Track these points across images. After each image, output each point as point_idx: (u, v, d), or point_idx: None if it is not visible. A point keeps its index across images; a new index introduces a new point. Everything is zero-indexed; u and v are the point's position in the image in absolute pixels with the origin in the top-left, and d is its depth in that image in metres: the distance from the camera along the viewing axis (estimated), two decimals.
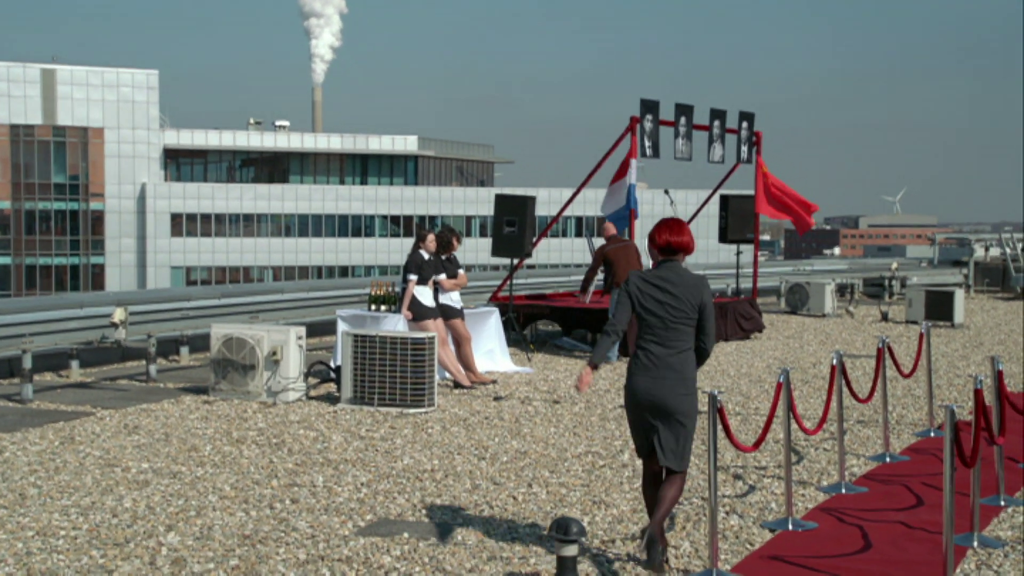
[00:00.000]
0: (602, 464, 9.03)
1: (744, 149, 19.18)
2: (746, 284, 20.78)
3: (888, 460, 9.35)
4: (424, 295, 12.77)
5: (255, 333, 11.79)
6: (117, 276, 77.88)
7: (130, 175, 78.94)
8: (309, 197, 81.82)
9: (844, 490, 8.27)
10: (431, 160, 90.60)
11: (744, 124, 19.11)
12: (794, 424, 7.62)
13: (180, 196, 79.57)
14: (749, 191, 19.77)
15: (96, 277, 78.45)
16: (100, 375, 13.61)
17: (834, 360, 8.47)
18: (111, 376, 13.54)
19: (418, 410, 11.15)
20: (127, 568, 6.26)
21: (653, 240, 6.34)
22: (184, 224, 79.60)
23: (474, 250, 71.89)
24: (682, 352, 6.20)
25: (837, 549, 6.83)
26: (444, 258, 13.21)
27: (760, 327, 18.88)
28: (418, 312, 12.68)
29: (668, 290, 6.17)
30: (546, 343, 16.96)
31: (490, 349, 14.34)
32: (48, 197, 78.18)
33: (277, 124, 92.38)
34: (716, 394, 6.47)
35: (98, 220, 78.86)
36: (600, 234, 15.89)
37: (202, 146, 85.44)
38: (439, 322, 12.84)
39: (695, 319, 6.20)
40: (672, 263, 6.28)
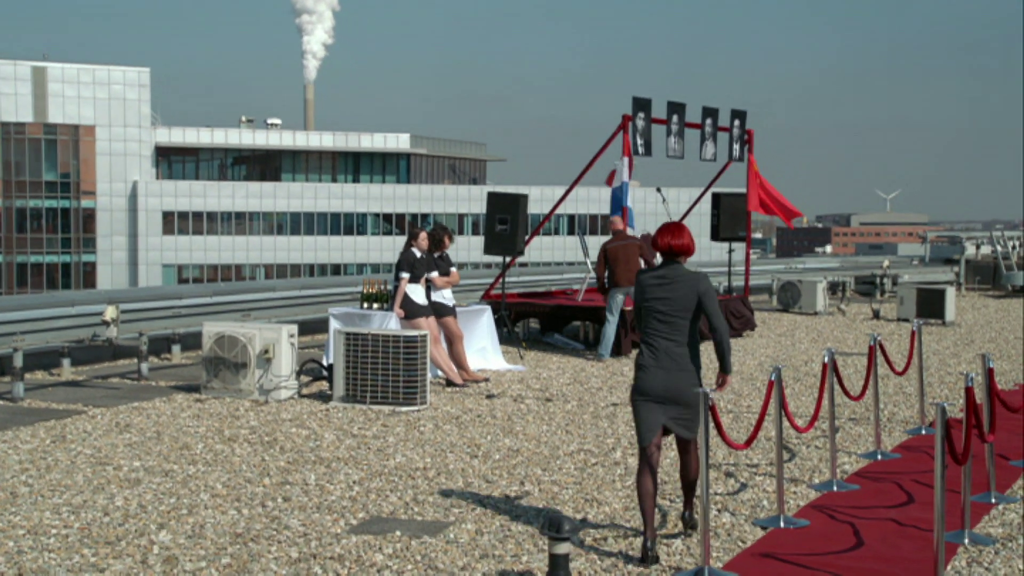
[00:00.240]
0: (594, 462, 9.03)
1: (736, 147, 19.20)
2: (738, 282, 20.80)
3: (880, 458, 9.37)
4: (416, 293, 12.76)
5: (247, 331, 11.78)
6: (108, 274, 77.71)
7: (121, 173, 78.75)
8: (301, 195, 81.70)
9: (836, 488, 8.28)
10: (423, 158, 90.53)
11: (736, 122, 19.13)
12: (786, 422, 7.63)
13: (172, 194, 79.40)
14: (741, 189, 19.78)
15: (87, 275, 78.27)
16: (91, 373, 13.59)
17: (826, 358, 8.48)
18: (102, 374, 13.52)
19: (410, 408, 11.15)
20: (119, 566, 6.25)
21: (655, 243, 6.85)
22: (176, 222, 79.43)
23: (466, 248, 71.89)
24: (683, 344, 6.64)
25: (829, 547, 6.84)
26: (436, 256, 13.21)
27: (752, 325, 18.91)
28: (410, 310, 12.67)
29: (668, 286, 6.64)
30: (538, 341, 16.97)
31: (482, 347, 14.35)
32: (39, 195, 77.97)
33: (269, 122, 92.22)
34: (708, 392, 6.51)
35: (89, 218, 78.66)
36: (609, 228, 15.91)
37: (194, 144, 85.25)
38: (431, 320, 12.83)
39: (693, 311, 6.62)
40: (674, 264, 6.75)
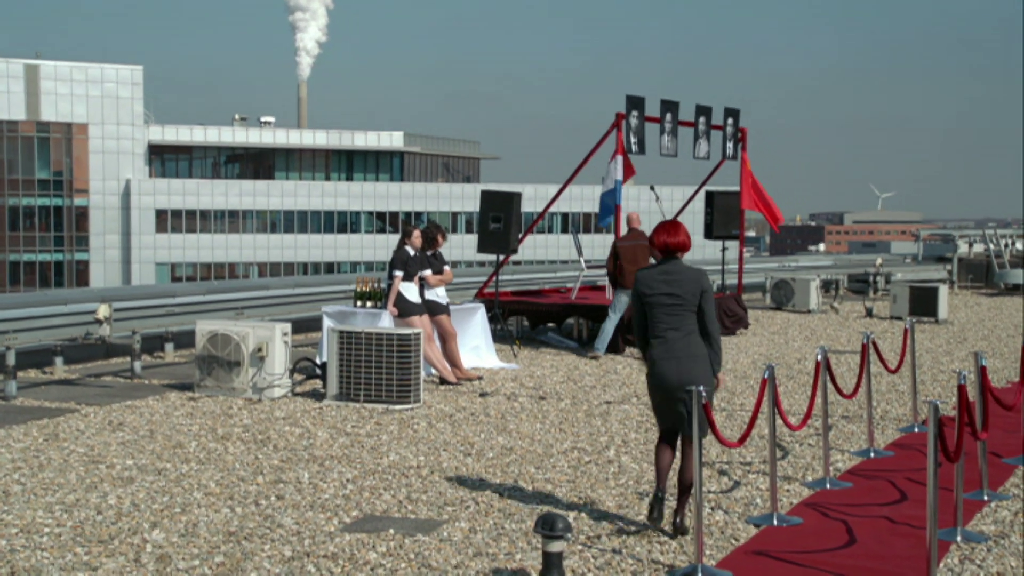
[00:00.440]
0: (588, 460, 9.04)
1: (729, 145, 19.22)
2: (731, 280, 20.83)
3: (872, 455, 9.39)
4: (410, 291, 12.76)
5: (240, 329, 11.77)
6: (101, 272, 77.54)
7: (114, 171, 78.58)
8: (295, 193, 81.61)
9: (829, 485, 8.30)
10: (417, 156, 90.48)
11: (729, 120, 19.15)
12: (779, 420, 7.64)
13: (165, 192, 79.26)
14: (734, 187, 19.81)
15: (80, 273, 78.11)
16: (84, 372, 13.56)
17: (819, 356, 8.49)
18: (95, 373, 13.50)
19: (404, 406, 11.15)
20: (111, 565, 6.24)
21: (652, 242, 7.17)
22: (169, 220, 79.29)
23: (460, 246, 71.85)
24: (691, 334, 6.99)
25: (822, 544, 6.85)
26: (430, 254, 13.21)
27: (745, 323, 18.93)
28: (404, 308, 12.67)
29: (672, 281, 6.98)
30: (532, 339, 16.97)
31: (476, 345, 14.35)
32: (32, 193, 77.79)
33: (262, 120, 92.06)
34: (701, 390, 6.53)
35: (82, 216, 78.50)
36: (628, 224, 15.94)
37: (187, 142, 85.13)
38: (425, 318, 12.83)
39: (697, 304, 6.97)
40: (674, 260, 7.08)
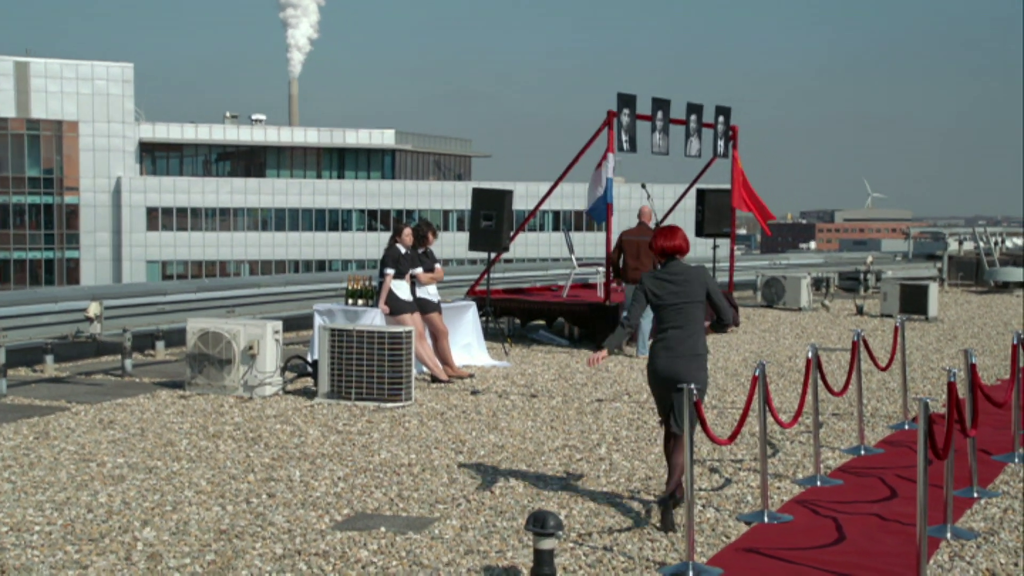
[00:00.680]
0: (579, 458, 9.05)
1: (720, 143, 19.23)
2: (722, 278, 20.84)
3: (863, 453, 9.41)
4: (401, 289, 12.75)
5: (231, 327, 11.75)
6: (92, 270, 77.36)
7: (105, 169, 78.39)
8: (286, 191, 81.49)
9: (819, 483, 8.32)
10: (408, 154, 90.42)
11: (720, 118, 19.15)
12: (770, 417, 7.66)
13: (156, 190, 79.09)
14: (725, 185, 19.83)
15: (71, 271, 77.90)
16: (75, 370, 13.53)
17: (809, 353, 8.51)
18: (86, 371, 13.47)
19: (395, 404, 11.15)
20: (102, 563, 6.24)
21: (652, 247, 7.51)
22: (160, 218, 79.13)
23: (451, 244, 71.85)
24: (695, 333, 7.30)
25: (812, 541, 6.87)
26: (421, 252, 13.20)
27: (736, 321, 18.95)
28: (395, 306, 12.66)
29: (677, 281, 7.32)
30: (523, 337, 16.98)
31: (467, 343, 14.35)
32: (22, 191, 77.55)
33: (253, 118, 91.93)
34: (692, 388, 6.54)
35: (73, 214, 78.29)
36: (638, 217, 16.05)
37: (178, 140, 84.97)
38: (416, 316, 12.83)
39: (702, 301, 7.33)
40: (675, 262, 7.41)
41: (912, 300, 21.23)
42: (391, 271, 12.66)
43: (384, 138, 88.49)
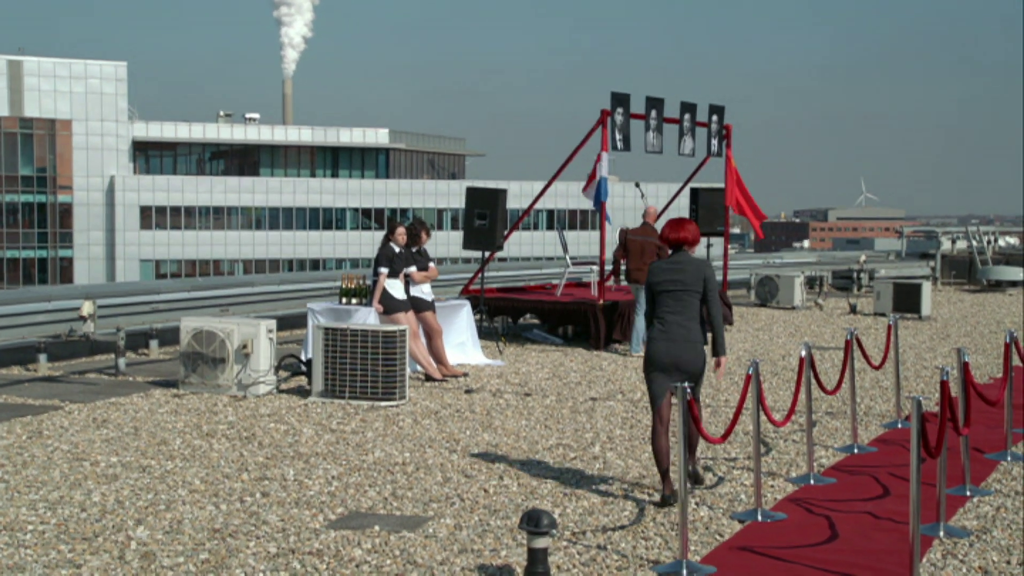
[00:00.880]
0: (573, 456, 9.05)
1: (714, 142, 19.25)
2: (716, 277, 20.85)
3: (856, 451, 9.42)
4: (395, 288, 12.75)
5: (225, 326, 11.74)
6: (85, 269, 77.24)
7: (98, 168, 78.26)
8: (280, 190, 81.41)
9: (813, 481, 8.33)
10: (402, 153, 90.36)
11: (714, 117, 19.18)
12: (763, 416, 7.67)
13: (149, 189, 78.97)
14: (719, 184, 19.85)
15: (64, 270, 77.78)
16: (68, 369, 13.51)
17: (803, 352, 8.52)
18: (79, 370, 13.45)
19: (389, 403, 11.15)
20: (96, 562, 6.23)
21: (662, 237, 7.99)
22: (153, 217, 79.02)
23: (445, 243, 71.87)
24: (691, 320, 7.61)
25: (806, 539, 6.88)
26: (414, 250, 13.20)
27: (729, 320, 18.97)
28: (389, 305, 12.66)
29: (678, 270, 7.68)
30: (517, 336, 16.98)
31: (461, 342, 14.35)
32: (15, 190, 77.41)
33: (247, 116, 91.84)
34: (686, 386, 6.55)
35: (66, 213, 78.17)
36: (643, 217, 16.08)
37: (171, 139, 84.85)
38: (410, 315, 12.82)
39: (700, 292, 7.63)
40: (680, 252, 7.82)
41: (905, 299, 21.27)
42: (385, 270, 12.65)
43: (378, 137, 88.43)
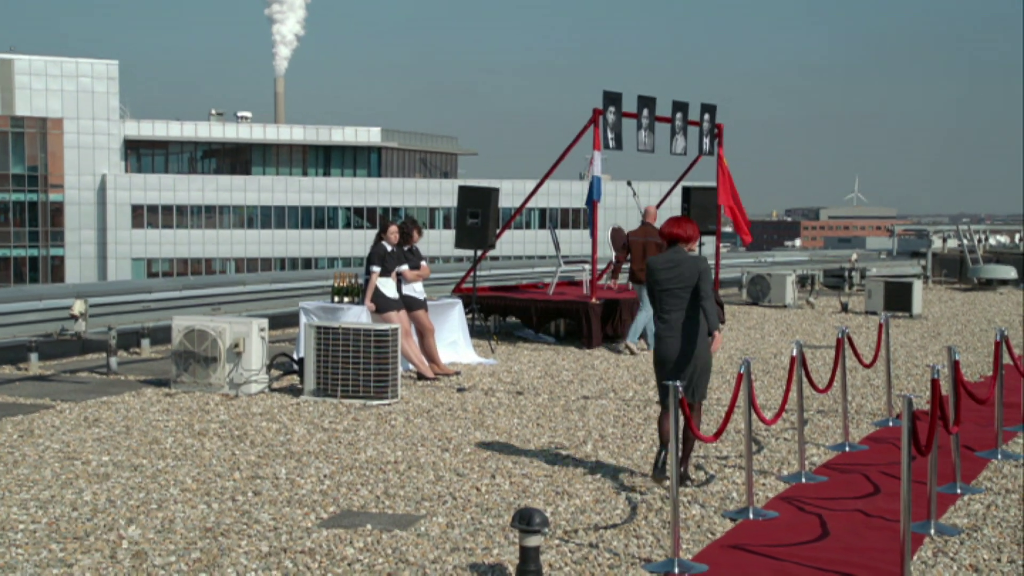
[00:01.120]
0: (565, 455, 9.06)
1: (706, 141, 19.27)
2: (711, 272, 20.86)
3: (847, 449, 9.45)
4: (387, 287, 12.75)
5: (217, 325, 11.73)
6: (77, 268, 77.05)
7: (90, 166, 78.08)
8: (272, 189, 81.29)
9: (804, 479, 8.35)
10: (394, 152, 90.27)
11: (706, 116, 19.20)
12: (755, 414, 7.68)
13: (141, 187, 78.81)
14: (711, 183, 19.87)
15: (56, 269, 77.59)
16: (60, 368, 13.49)
17: (794, 351, 8.54)
18: (71, 369, 13.42)
19: (381, 402, 11.15)
20: (87, 562, 6.22)
21: (662, 233, 8.26)
22: (145, 216, 78.85)
23: (438, 242, 71.78)
24: (692, 315, 7.93)
25: (797, 537, 6.90)
26: (406, 249, 13.20)
27: (721, 319, 18.99)
28: (381, 304, 12.66)
29: (675, 268, 7.99)
30: (509, 334, 16.98)
31: (453, 340, 14.35)
32: (6, 188, 77.17)
33: (239, 115, 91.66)
34: (678, 385, 6.56)
35: (57, 211, 77.96)
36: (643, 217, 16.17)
37: (163, 137, 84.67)
38: (402, 314, 12.82)
39: (695, 285, 7.91)
40: (676, 248, 8.11)
41: (896, 297, 21.32)
42: (377, 269, 12.65)
43: (370, 136, 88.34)
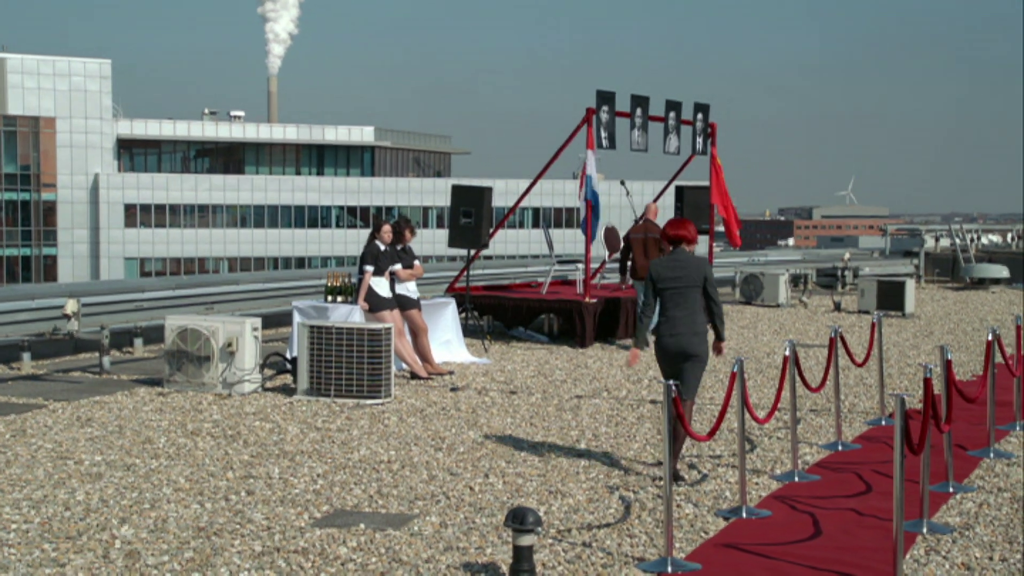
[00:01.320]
0: (558, 454, 9.06)
1: (699, 140, 19.28)
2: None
3: (840, 448, 9.46)
4: (380, 286, 12.74)
5: (210, 324, 11.71)
6: (70, 267, 76.94)
7: (83, 165, 77.96)
8: (265, 188, 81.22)
9: (797, 478, 8.36)
10: (388, 151, 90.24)
11: (699, 115, 19.20)
12: (748, 413, 7.69)
13: (134, 187, 78.72)
14: (704, 182, 19.88)
15: (48, 268, 77.45)
16: (52, 367, 13.46)
17: (787, 350, 8.55)
18: (63, 368, 13.40)
19: (375, 401, 11.14)
20: (80, 561, 6.21)
21: (663, 234, 8.47)
22: (138, 215, 78.75)
23: (431, 241, 71.82)
24: (694, 312, 8.19)
25: (790, 536, 6.91)
26: (399, 248, 13.19)
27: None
28: (374, 303, 12.65)
29: (679, 267, 8.21)
30: (503, 334, 16.98)
31: (447, 340, 14.35)
32: None
33: (232, 114, 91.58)
34: (672, 384, 6.56)
35: (50, 211, 77.82)
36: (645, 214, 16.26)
37: (156, 136, 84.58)
38: (396, 313, 12.82)
39: (701, 287, 8.19)
40: (679, 249, 8.30)
41: (889, 296, 21.35)
42: (370, 268, 12.64)
43: (363, 135, 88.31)
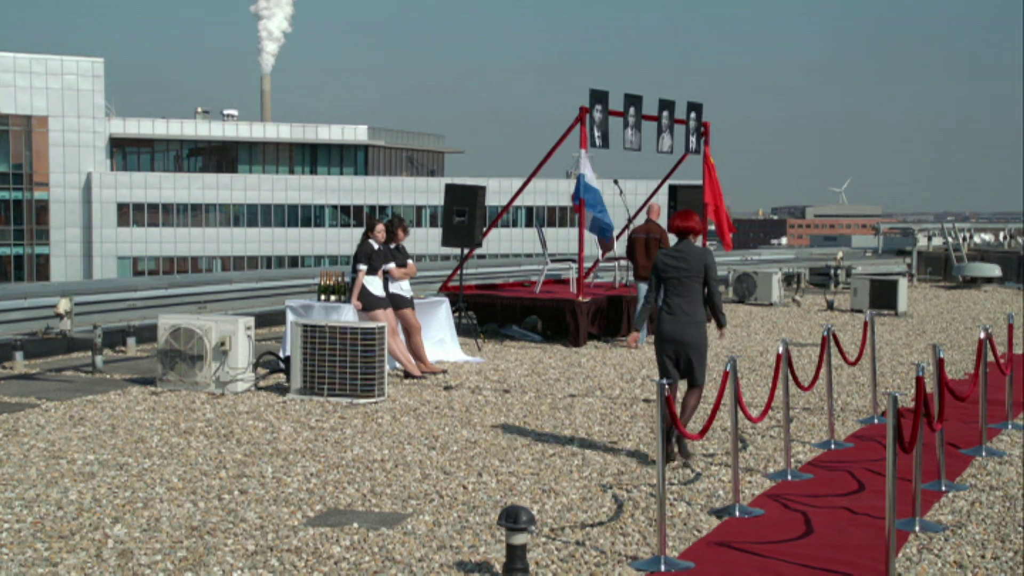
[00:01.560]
0: (552, 453, 9.07)
1: (692, 139, 19.30)
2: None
3: (833, 447, 9.48)
4: (374, 285, 12.74)
5: (203, 323, 11.70)
6: (62, 266, 76.72)
7: (75, 164, 77.74)
8: (258, 187, 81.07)
9: (790, 477, 8.38)
10: (381, 150, 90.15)
11: (692, 114, 19.23)
12: (741, 412, 7.70)
13: (127, 186, 78.52)
14: (697, 181, 19.90)
15: (41, 267, 77.24)
16: (45, 366, 13.44)
17: (780, 348, 8.57)
18: (56, 367, 13.38)
19: (368, 400, 11.14)
20: (72, 561, 6.21)
21: (670, 227, 8.95)
22: (131, 214, 78.56)
23: (424, 240, 71.73)
24: (693, 302, 8.60)
25: (783, 535, 6.92)
26: (393, 247, 13.19)
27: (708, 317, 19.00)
28: (368, 302, 12.65)
29: (681, 258, 8.62)
30: (496, 332, 16.99)
31: (440, 339, 14.35)
32: None
33: (225, 113, 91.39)
34: (664, 383, 6.57)
35: (43, 210, 77.61)
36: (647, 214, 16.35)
37: (149, 135, 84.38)
38: (389, 312, 12.82)
39: (702, 277, 8.60)
40: (685, 241, 8.70)
41: (882, 295, 21.40)
42: (364, 267, 12.64)
43: (357, 134, 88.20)
